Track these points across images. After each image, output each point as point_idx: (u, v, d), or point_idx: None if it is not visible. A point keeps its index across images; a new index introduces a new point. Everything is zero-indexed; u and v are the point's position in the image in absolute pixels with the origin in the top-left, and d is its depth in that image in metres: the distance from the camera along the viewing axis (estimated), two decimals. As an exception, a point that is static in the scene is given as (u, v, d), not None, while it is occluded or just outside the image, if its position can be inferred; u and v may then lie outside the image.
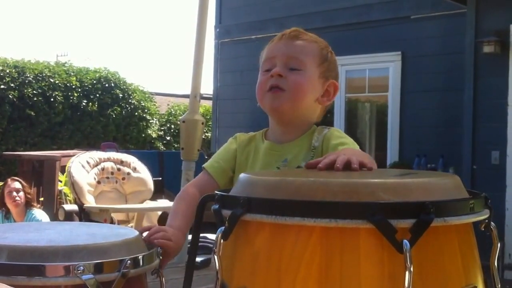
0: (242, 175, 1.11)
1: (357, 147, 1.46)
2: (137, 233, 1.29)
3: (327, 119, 7.48)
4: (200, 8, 4.11)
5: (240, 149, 1.58)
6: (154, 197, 5.49)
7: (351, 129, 7.63)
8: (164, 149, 13.31)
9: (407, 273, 0.87)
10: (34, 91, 11.01)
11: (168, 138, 13.84)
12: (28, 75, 11.10)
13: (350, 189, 0.94)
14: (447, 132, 6.49)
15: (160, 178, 6.66)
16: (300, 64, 1.52)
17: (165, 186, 6.74)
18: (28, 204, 4.87)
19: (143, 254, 1.20)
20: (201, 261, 3.73)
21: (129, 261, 1.14)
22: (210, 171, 1.56)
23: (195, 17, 4.28)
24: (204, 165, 1.60)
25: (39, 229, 1.34)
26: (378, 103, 7.67)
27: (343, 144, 1.45)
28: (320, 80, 1.54)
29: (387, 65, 7.02)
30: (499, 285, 1.06)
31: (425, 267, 0.93)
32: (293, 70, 1.51)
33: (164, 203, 5.52)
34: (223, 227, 0.99)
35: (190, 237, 1.26)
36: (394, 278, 0.90)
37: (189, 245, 1.25)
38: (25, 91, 10.86)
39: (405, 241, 0.88)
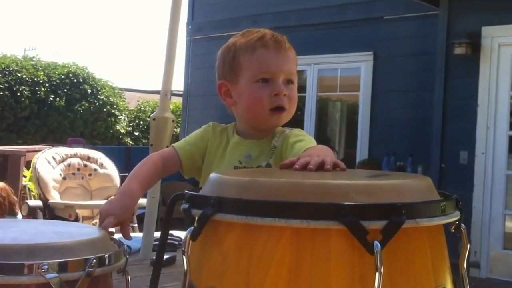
0: (212, 175, 1.09)
1: (314, 143, 1.47)
2: (103, 231, 1.27)
3: (297, 118, 7.51)
4: (173, 5, 4.07)
5: (213, 139, 1.60)
6: (120, 193, 5.42)
7: (321, 127, 7.66)
8: (133, 144, 13.21)
9: (377, 274, 0.87)
10: (0, 85, 10.82)
11: (136, 133, 13.75)
12: (-5, 69, 10.90)
13: (322, 190, 0.93)
14: (416, 132, 6.56)
15: (127, 174, 6.58)
16: (294, 78, 1.55)
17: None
18: (3, 213, 4.53)
19: (109, 253, 1.18)
20: (166, 258, 3.70)
21: (94, 260, 1.12)
22: (180, 153, 1.58)
23: (167, 13, 4.24)
24: (174, 144, 1.61)
25: (3, 227, 1.30)
26: (349, 102, 7.72)
27: (301, 141, 1.47)
28: None
29: (359, 65, 7.07)
30: (468, 287, 1.07)
31: (396, 269, 0.93)
32: (288, 84, 1.53)
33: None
34: (192, 227, 0.98)
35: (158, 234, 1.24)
36: (364, 280, 0.90)
37: (156, 243, 1.24)
38: (-9, 85, 10.68)
39: (376, 242, 0.88)
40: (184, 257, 0.98)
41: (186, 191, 1.06)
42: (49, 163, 5.03)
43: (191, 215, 1.00)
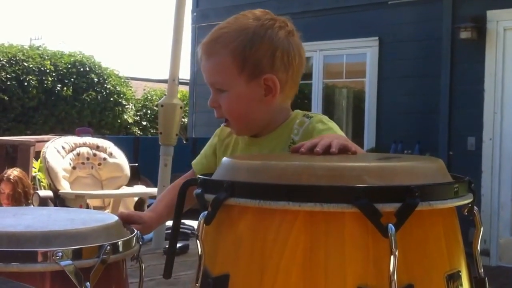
0: (224, 159, 1.09)
1: (341, 133, 1.40)
2: (116, 218, 1.28)
3: (304, 105, 7.48)
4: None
5: (220, 142, 1.58)
6: (130, 183, 5.45)
7: (328, 115, 7.52)
8: (141, 134, 13.22)
9: (392, 257, 0.87)
10: (8, 75, 10.83)
11: (144, 123, 13.75)
12: (1, 59, 10.91)
13: (335, 173, 0.93)
14: (423, 118, 6.53)
15: (137, 164, 6.60)
16: (222, 85, 1.42)
17: (141, 172, 6.68)
18: (17, 204, 4.34)
19: (122, 239, 1.18)
20: (179, 247, 3.72)
21: (108, 247, 1.12)
22: (195, 168, 1.59)
23: (172, 1, 4.23)
24: (192, 162, 1.63)
25: (16, 214, 1.31)
26: (355, 89, 7.68)
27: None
28: (251, 85, 1.40)
29: (365, 51, 7.02)
30: (482, 270, 1.06)
31: (410, 252, 0.93)
32: (222, 92, 1.43)
33: (140, 189, 5.48)
34: (205, 212, 0.98)
35: (170, 223, 1.24)
36: (378, 263, 0.90)
37: (168, 231, 1.24)
38: (-2, 75, 10.69)
39: (390, 225, 0.87)
40: (198, 242, 0.97)
41: (199, 176, 1.06)
42: (58, 152, 5.04)
43: (204, 200, 1.00)
